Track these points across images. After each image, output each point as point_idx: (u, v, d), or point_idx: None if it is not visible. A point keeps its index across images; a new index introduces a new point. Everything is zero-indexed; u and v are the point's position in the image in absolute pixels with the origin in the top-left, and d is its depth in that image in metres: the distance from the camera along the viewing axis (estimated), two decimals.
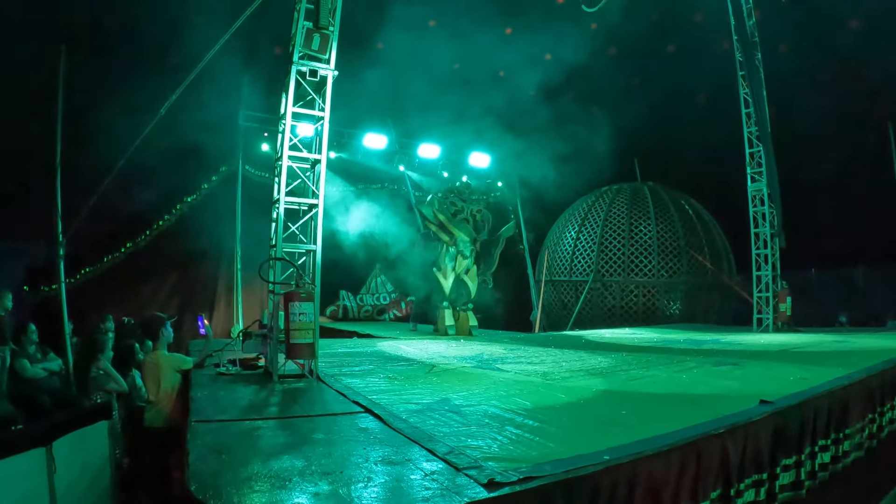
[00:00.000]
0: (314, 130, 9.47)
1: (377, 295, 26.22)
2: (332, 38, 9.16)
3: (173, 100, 16.03)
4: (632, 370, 9.43)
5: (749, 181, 18.60)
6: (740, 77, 18.47)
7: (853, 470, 7.27)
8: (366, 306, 25.87)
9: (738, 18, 18.13)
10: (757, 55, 18.38)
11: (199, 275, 21.66)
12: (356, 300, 25.69)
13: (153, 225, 20.90)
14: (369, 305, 25.96)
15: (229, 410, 6.24)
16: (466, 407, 6.38)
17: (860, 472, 7.52)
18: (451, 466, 4.25)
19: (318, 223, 9.09)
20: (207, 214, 21.20)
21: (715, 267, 24.74)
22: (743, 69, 18.34)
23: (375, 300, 26.12)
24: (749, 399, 6.37)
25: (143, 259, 20.48)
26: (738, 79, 18.53)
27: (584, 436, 5.13)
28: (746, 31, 18.11)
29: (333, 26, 9.14)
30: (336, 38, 9.20)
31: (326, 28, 9.02)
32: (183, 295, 21.09)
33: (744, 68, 18.30)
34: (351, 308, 25.50)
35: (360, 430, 5.50)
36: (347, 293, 25.48)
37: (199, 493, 3.79)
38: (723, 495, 5.18)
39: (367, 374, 8.93)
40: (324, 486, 3.94)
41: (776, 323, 18.02)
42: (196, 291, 21.50)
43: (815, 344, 13.58)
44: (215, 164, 21.76)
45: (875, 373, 8.41)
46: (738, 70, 18.50)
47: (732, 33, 18.52)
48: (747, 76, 18.20)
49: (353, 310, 25.55)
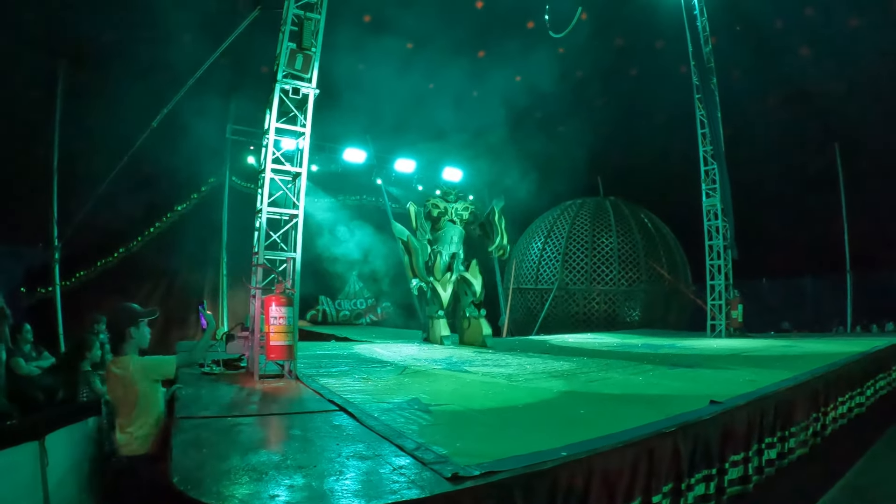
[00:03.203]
0: (296, 145, 9.48)
1: (354, 300, 26.26)
2: (315, 58, 9.28)
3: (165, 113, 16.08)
4: (591, 373, 9.46)
5: (704, 196, 18.79)
6: (697, 100, 18.67)
7: (798, 466, 7.34)
8: (343, 311, 25.98)
9: (696, 45, 18.35)
10: (713, 79, 18.59)
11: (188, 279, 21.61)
12: (334, 305, 25.79)
13: (145, 231, 20.86)
14: (347, 310, 26.07)
15: (211, 407, 6.23)
16: (434, 406, 6.39)
17: (805, 468, 7.59)
18: (418, 461, 4.26)
19: (299, 232, 9.14)
20: (196, 222, 21.33)
21: (672, 276, 24.92)
22: (699, 92, 18.55)
23: (353, 305, 26.22)
24: (700, 399, 6.42)
25: (136, 264, 20.43)
26: (695, 101, 18.71)
27: (544, 434, 5.14)
28: (703, 57, 18.33)
29: (315, 47, 9.29)
30: (318, 58, 9.34)
31: (309, 49, 9.14)
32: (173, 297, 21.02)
33: (700, 91, 18.51)
34: (329, 313, 25.64)
35: (335, 427, 5.50)
36: (326, 298, 25.58)
37: (181, 485, 3.79)
38: (674, 489, 5.21)
39: (342, 374, 8.91)
40: (298, 479, 3.95)
41: (728, 329, 18.20)
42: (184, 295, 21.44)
43: (764, 348, 13.70)
44: (204, 175, 21.78)
45: (819, 375, 8.51)
46: (695, 93, 18.71)
47: (690, 59, 18.74)
48: (703, 99, 18.41)
49: (332, 314, 25.70)
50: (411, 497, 3.61)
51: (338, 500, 3.59)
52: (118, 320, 5.87)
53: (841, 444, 9.15)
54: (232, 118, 21.53)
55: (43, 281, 17.67)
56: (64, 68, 17.35)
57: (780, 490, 6.88)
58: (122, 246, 20.40)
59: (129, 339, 5.75)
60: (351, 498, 3.60)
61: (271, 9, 10.76)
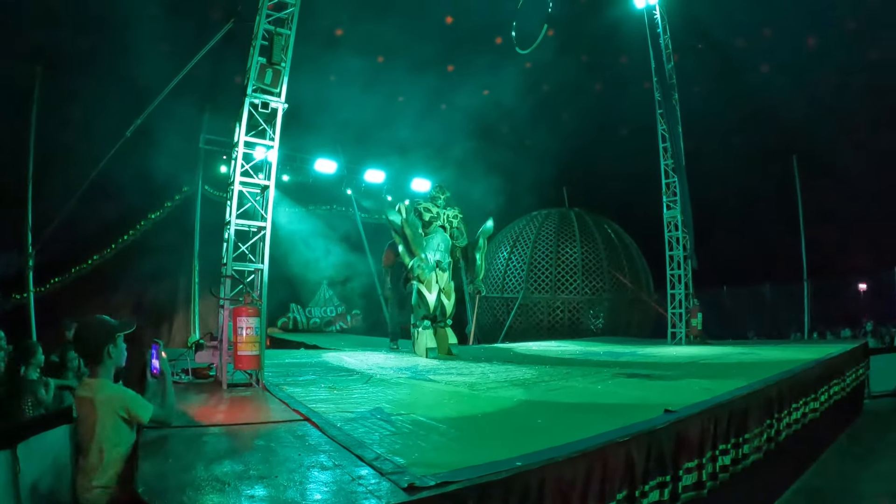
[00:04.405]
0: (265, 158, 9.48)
1: (324, 308, 26.29)
2: (284, 73, 9.30)
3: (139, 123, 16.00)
4: (552, 381, 9.49)
5: (665, 208, 18.95)
6: (659, 115, 18.82)
7: (753, 470, 7.39)
8: (314, 318, 26.01)
9: (658, 62, 18.55)
10: (674, 95, 18.79)
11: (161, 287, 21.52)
12: (305, 313, 25.83)
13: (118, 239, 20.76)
14: (317, 318, 26.11)
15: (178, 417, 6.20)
16: (396, 416, 6.38)
17: (760, 472, 7.66)
18: (377, 472, 4.27)
19: (266, 244, 9.12)
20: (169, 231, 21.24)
21: (634, 285, 25.16)
22: (661, 108, 18.74)
23: (323, 313, 26.26)
24: (656, 408, 6.45)
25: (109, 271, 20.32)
26: (657, 116, 18.88)
27: (502, 443, 5.17)
28: (665, 74, 18.52)
29: (285, 62, 9.29)
30: (287, 73, 9.35)
31: (279, 64, 9.18)
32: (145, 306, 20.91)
33: (662, 107, 18.70)
34: (300, 320, 25.71)
35: (298, 437, 5.50)
36: (297, 306, 25.68)
37: (145, 496, 3.80)
38: (628, 496, 5.24)
39: (309, 383, 8.88)
40: (260, 489, 3.95)
41: (688, 336, 18.33)
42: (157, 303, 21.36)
43: (722, 356, 13.81)
44: (177, 184, 21.71)
45: (773, 383, 8.59)
46: (657, 108, 18.86)
47: (653, 75, 18.91)
48: (665, 114, 18.59)
49: (303, 322, 25.76)
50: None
51: None
52: (93, 337, 4.79)
53: (796, 448, 9.24)
54: (205, 128, 21.48)
55: (17, 287, 17.51)
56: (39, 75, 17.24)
57: (735, 494, 6.95)
58: (96, 253, 20.30)
59: (105, 360, 4.75)
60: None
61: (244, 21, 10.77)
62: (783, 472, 9.18)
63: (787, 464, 9.17)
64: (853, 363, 13.77)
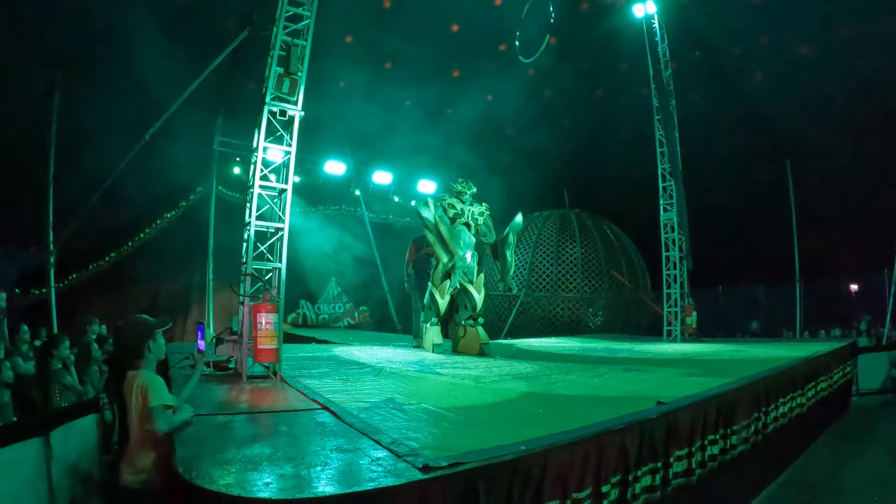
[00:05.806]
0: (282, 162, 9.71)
1: (333, 305, 26.42)
2: (301, 82, 9.51)
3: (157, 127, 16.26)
4: (553, 375, 9.67)
5: (662, 211, 19.18)
6: (656, 120, 19.03)
7: (741, 461, 7.55)
8: (323, 314, 26.11)
9: (656, 69, 18.78)
10: (671, 101, 18.99)
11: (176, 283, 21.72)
12: (314, 309, 25.91)
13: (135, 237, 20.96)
14: (326, 314, 26.20)
15: (205, 406, 6.38)
16: (408, 405, 6.62)
17: (748, 463, 7.85)
18: (393, 454, 4.52)
19: (284, 244, 9.37)
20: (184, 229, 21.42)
21: (632, 284, 25.28)
22: (658, 113, 18.95)
23: (332, 309, 26.36)
24: (649, 400, 6.65)
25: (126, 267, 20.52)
26: (655, 121, 19.10)
27: (506, 430, 5.41)
28: (663, 80, 18.73)
29: (302, 72, 9.50)
30: (304, 82, 9.55)
31: (296, 74, 9.39)
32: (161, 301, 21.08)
33: (659, 113, 18.91)
34: (310, 316, 25.76)
35: (318, 423, 5.73)
36: (307, 303, 25.73)
37: (185, 474, 4.02)
38: (622, 480, 5.46)
39: (323, 376, 9.11)
40: (288, 468, 4.20)
41: (683, 334, 18.51)
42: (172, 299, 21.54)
43: (714, 353, 13.91)
44: (192, 184, 21.88)
45: (760, 378, 8.78)
46: (655, 114, 19.08)
47: (651, 82, 19.11)
48: (662, 119, 18.80)
49: (312, 318, 25.82)
50: (388, 484, 3.88)
51: (324, 486, 3.85)
52: (135, 336, 5.11)
53: (783, 441, 9.44)
54: (219, 131, 21.67)
55: (36, 282, 17.73)
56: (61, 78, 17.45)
57: (723, 483, 7.14)
58: (114, 250, 20.50)
59: (146, 355, 5.09)
60: (335, 484, 3.87)
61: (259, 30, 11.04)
62: (771, 463, 9.37)
63: (774, 456, 9.39)
64: (841, 361, 13.90)
